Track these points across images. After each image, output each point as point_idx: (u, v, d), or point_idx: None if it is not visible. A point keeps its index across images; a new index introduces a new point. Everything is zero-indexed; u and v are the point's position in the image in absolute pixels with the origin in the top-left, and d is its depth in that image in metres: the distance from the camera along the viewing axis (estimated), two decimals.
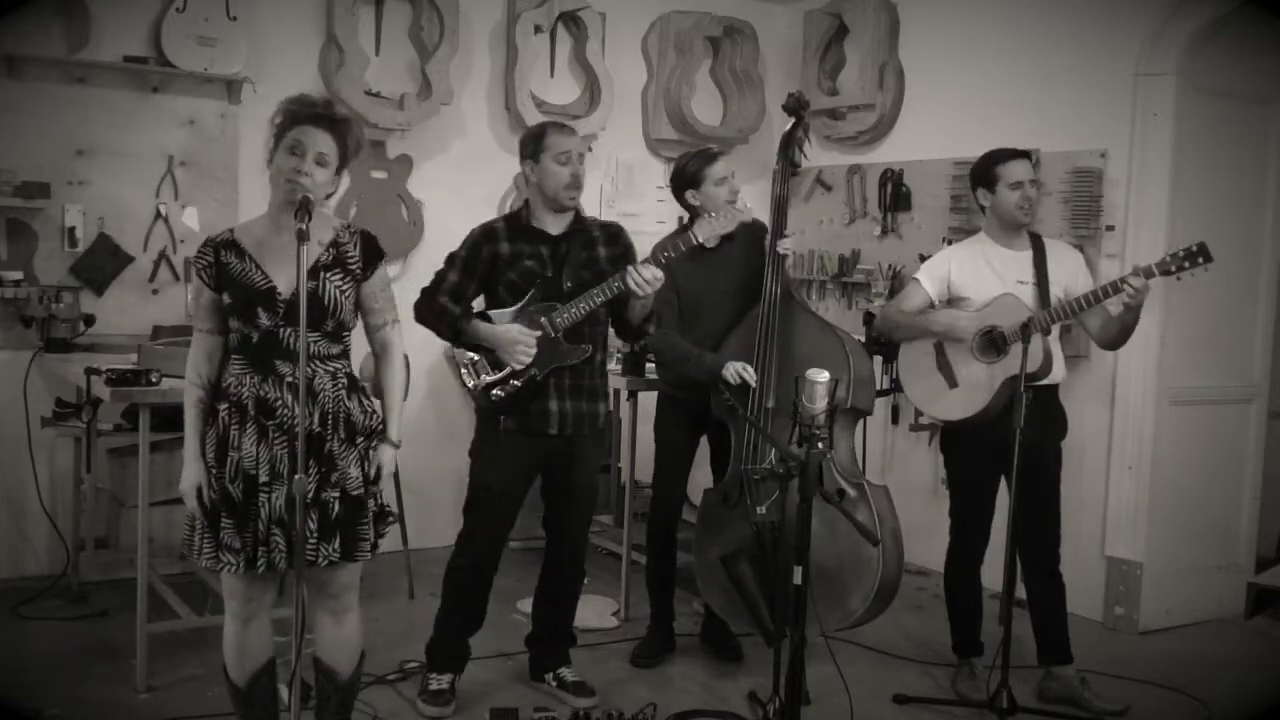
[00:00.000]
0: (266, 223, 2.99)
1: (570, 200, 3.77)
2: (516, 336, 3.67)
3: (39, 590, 4.77)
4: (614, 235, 3.91)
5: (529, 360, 3.68)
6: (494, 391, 3.73)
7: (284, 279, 2.92)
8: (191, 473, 2.94)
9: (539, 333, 3.68)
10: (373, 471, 3.04)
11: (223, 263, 2.93)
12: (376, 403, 3.11)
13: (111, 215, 5.02)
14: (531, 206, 3.83)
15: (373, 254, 3.05)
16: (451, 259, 3.80)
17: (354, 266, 3.00)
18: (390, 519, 3.12)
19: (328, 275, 2.97)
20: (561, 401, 3.77)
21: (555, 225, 3.80)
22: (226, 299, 2.93)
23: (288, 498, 2.87)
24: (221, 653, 3.12)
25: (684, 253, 3.93)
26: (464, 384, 3.79)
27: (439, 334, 3.80)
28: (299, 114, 2.93)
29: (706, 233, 3.82)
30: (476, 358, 3.75)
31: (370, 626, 4.38)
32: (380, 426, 3.07)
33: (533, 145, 3.78)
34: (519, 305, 3.73)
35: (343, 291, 2.98)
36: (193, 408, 2.97)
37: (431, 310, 3.76)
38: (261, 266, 2.93)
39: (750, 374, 4.04)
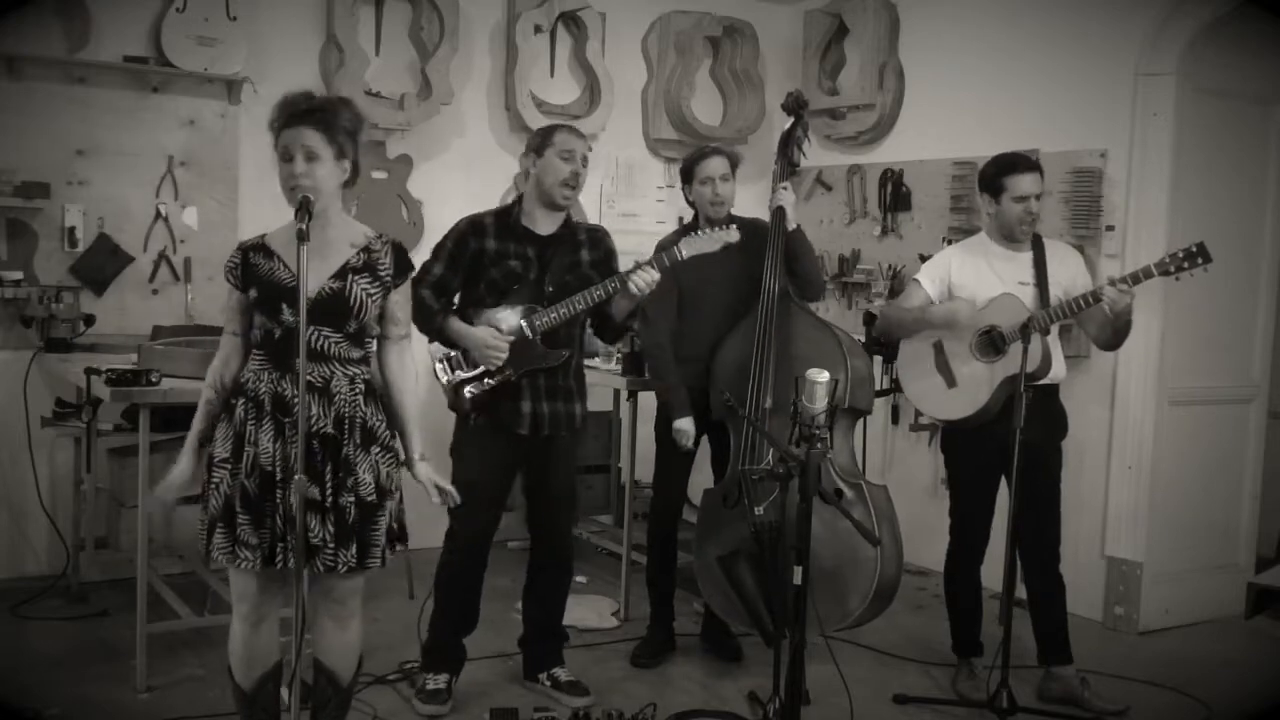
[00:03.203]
0: (291, 226, 2.99)
1: (565, 199, 3.76)
2: (489, 340, 3.67)
3: (39, 590, 4.78)
4: (598, 240, 3.92)
5: (500, 363, 3.69)
6: (467, 389, 3.73)
7: (310, 278, 2.90)
8: (178, 469, 2.97)
9: (512, 337, 3.68)
10: (435, 498, 3.13)
11: (250, 263, 2.97)
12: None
13: (111, 215, 5.02)
14: (524, 203, 3.83)
15: (404, 265, 3.07)
16: (438, 250, 3.79)
17: (385, 274, 3.01)
18: (402, 543, 3.12)
19: (356, 278, 2.97)
20: (536, 403, 3.77)
21: (545, 226, 3.80)
22: (253, 294, 2.94)
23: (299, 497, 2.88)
24: (225, 654, 3.11)
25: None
26: (437, 378, 3.80)
27: (418, 328, 3.64)
28: (280, 120, 2.94)
29: (689, 250, 3.76)
30: (452, 354, 3.76)
31: (370, 626, 4.37)
32: (391, 440, 3.06)
33: (540, 139, 3.79)
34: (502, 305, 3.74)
35: (370, 296, 2.98)
36: (201, 406, 3.02)
37: (412, 303, 3.64)
38: (288, 265, 2.95)
39: (686, 439, 4.20)
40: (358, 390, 2.98)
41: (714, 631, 4.44)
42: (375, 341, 3.08)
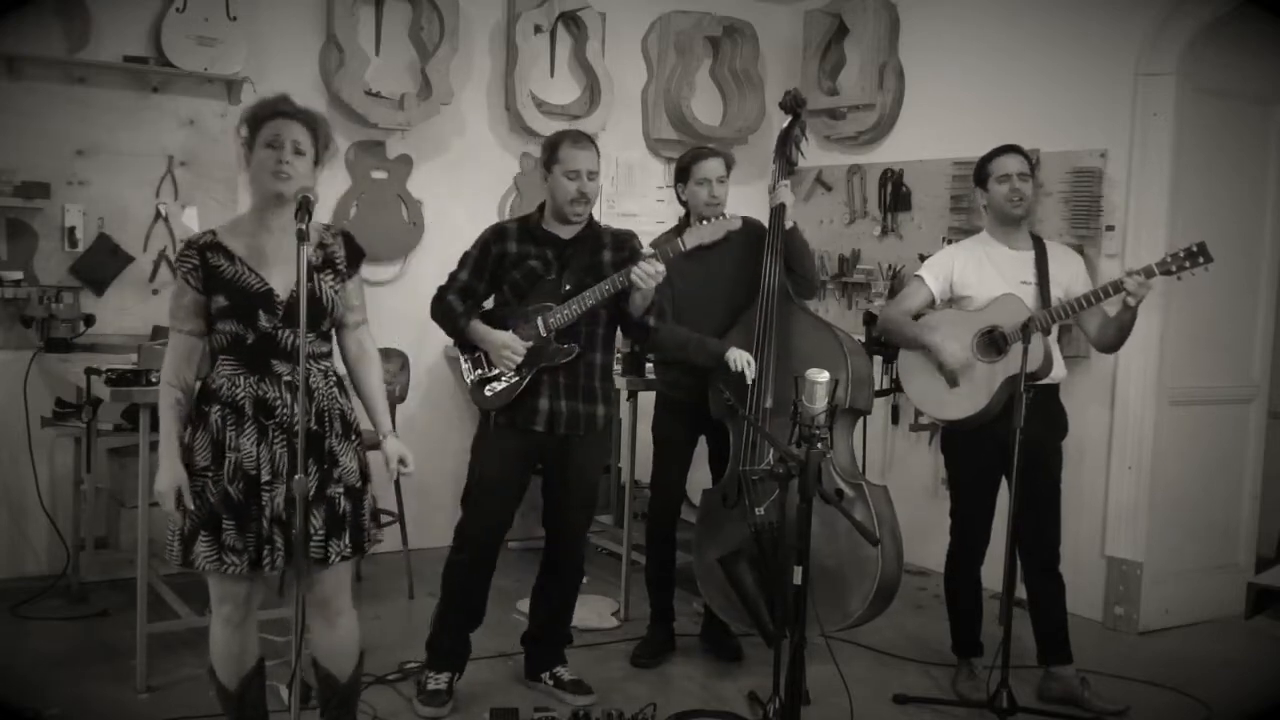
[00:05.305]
0: (252, 223, 2.98)
1: (576, 216, 3.80)
2: (506, 341, 3.74)
3: (39, 590, 4.77)
4: (622, 241, 3.93)
5: (514, 365, 3.74)
6: (488, 387, 3.80)
7: (279, 280, 2.93)
8: (169, 474, 2.90)
9: (530, 342, 3.73)
10: (394, 467, 3.09)
11: (211, 265, 2.92)
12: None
13: (111, 215, 5.02)
14: (546, 210, 3.87)
15: (355, 253, 3.09)
16: (464, 258, 3.88)
17: (341, 266, 3.04)
18: (387, 519, 3.14)
19: (321, 276, 2.99)
20: (554, 400, 3.79)
21: (567, 231, 3.85)
22: (222, 301, 2.91)
23: (286, 498, 2.88)
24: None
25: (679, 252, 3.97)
26: (464, 378, 3.88)
27: (445, 331, 3.89)
28: (263, 114, 2.94)
29: (693, 240, 3.80)
30: (476, 353, 3.83)
31: (370, 626, 4.38)
32: (359, 425, 3.09)
33: (548, 154, 3.82)
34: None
35: (335, 291, 3.02)
36: (170, 409, 2.95)
37: (440, 307, 3.86)
38: (254, 269, 2.93)
39: (751, 367, 4.05)
40: (331, 383, 3.02)
41: (714, 631, 4.44)
42: (334, 330, 3.09)
